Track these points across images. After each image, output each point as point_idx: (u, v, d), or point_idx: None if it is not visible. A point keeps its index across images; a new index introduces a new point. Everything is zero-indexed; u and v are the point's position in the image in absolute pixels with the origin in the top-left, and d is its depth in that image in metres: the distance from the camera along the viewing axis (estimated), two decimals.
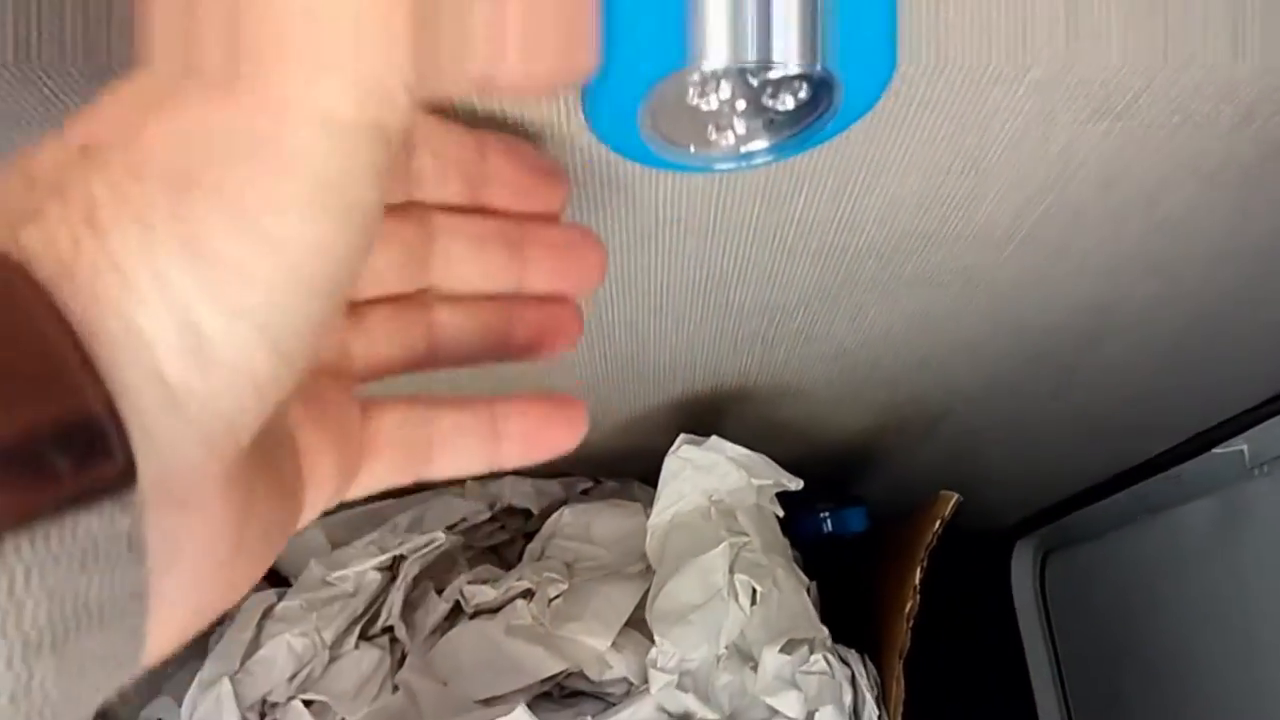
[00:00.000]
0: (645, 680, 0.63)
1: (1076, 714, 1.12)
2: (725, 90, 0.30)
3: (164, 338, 0.18)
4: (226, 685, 0.58)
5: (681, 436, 0.64)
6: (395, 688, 0.63)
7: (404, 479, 0.29)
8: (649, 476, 0.67)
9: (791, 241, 0.46)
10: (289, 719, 0.61)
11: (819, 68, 0.28)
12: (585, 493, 0.81)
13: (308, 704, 0.61)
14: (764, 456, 0.64)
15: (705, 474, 0.64)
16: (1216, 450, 0.79)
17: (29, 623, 0.15)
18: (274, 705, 0.61)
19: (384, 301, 0.30)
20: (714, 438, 0.63)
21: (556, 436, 0.31)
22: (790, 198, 0.42)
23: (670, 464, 0.64)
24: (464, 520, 0.75)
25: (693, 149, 0.33)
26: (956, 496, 0.64)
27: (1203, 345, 0.62)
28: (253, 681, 0.59)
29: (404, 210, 0.29)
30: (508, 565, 0.78)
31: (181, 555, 0.20)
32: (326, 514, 0.75)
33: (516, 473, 0.78)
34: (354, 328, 0.29)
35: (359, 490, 0.29)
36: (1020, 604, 1.17)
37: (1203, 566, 0.85)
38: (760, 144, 0.33)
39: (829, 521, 0.91)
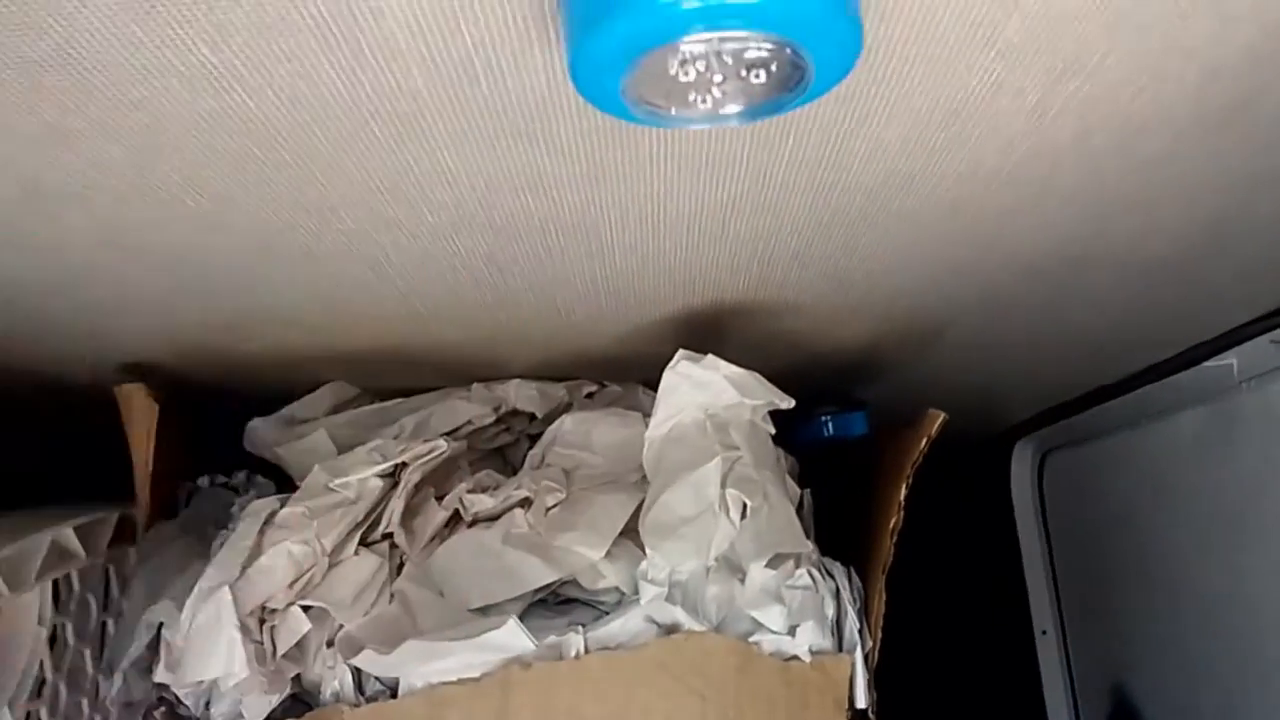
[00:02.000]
0: (636, 590, 0.64)
1: (1067, 614, 1.15)
2: (702, 64, 0.30)
3: None
4: (226, 594, 0.59)
5: (680, 353, 0.65)
6: (392, 597, 0.65)
7: None
8: (651, 381, 0.68)
9: (782, 177, 0.46)
10: (288, 624, 0.62)
11: (789, 51, 0.29)
12: (590, 396, 0.82)
13: (306, 609, 0.63)
14: (757, 375, 0.64)
15: (702, 389, 0.65)
16: (1208, 363, 0.80)
17: None
18: (273, 611, 0.62)
19: None
20: (710, 356, 0.64)
21: None
22: (779, 140, 0.43)
23: (668, 379, 0.65)
24: (469, 424, 0.76)
25: (673, 111, 0.34)
26: (943, 416, 0.65)
27: (1185, 272, 0.62)
28: (252, 589, 0.61)
29: None
30: (513, 467, 0.79)
31: None
32: (332, 413, 0.76)
33: (522, 376, 0.79)
34: None
35: None
36: (1018, 502, 1.19)
37: (1193, 472, 0.87)
38: (735, 108, 0.33)
39: (830, 425, 0.91)
